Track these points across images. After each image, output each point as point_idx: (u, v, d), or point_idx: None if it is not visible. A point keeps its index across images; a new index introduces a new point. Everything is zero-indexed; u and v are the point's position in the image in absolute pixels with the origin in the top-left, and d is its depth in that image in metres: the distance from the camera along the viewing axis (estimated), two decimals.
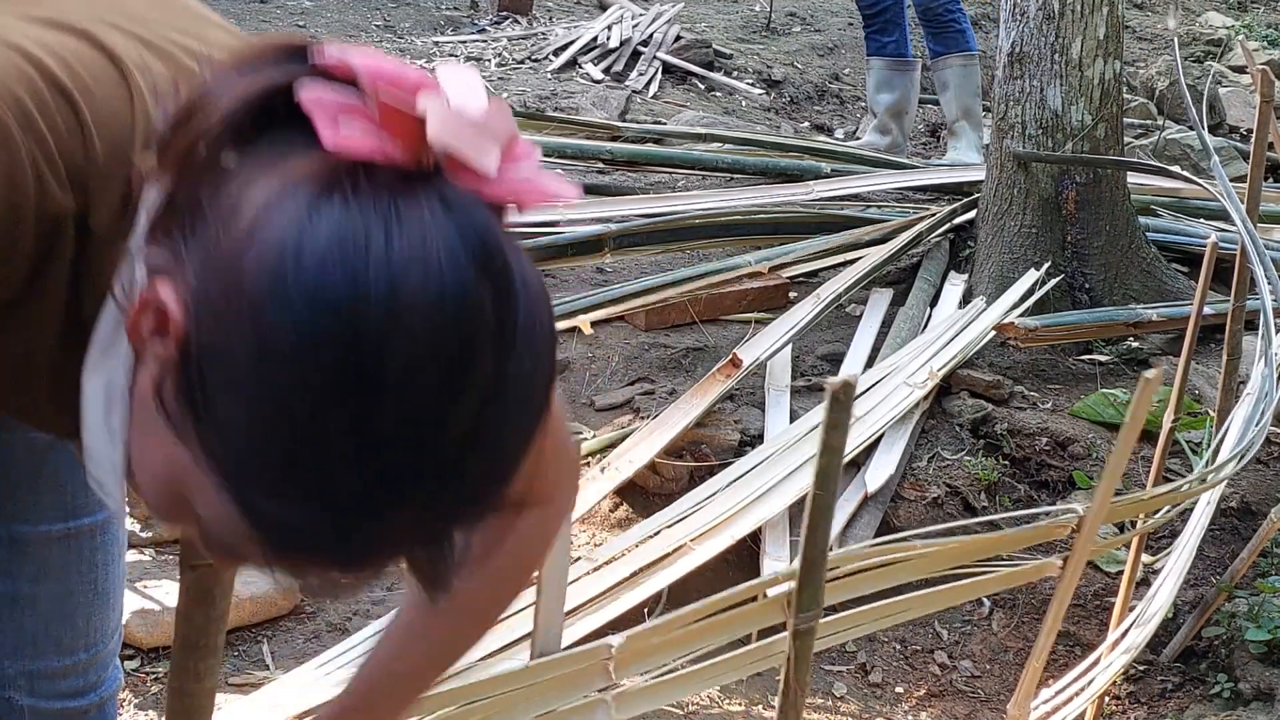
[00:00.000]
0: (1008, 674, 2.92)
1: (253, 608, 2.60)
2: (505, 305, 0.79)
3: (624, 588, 2.66)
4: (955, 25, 5.58)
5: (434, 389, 0.77)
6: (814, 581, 1.33)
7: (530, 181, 0.83)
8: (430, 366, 0.76)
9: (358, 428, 0.76)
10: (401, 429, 0.77)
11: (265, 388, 0.76)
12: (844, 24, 7.94)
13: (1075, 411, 3.56)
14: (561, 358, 3.56)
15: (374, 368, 0.76)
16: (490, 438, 0.80)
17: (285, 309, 0.76)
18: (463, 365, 0.77)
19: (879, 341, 3.72)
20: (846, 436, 1.23)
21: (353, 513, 0.79)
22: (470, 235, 0.78)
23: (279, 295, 0.76)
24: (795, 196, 4.67)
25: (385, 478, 0.78)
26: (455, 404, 0.78)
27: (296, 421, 0.76)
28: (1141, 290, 4.10)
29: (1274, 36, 8.25)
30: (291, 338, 0.75)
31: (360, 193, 0.77)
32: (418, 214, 0.78)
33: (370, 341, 0.75)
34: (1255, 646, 2.82)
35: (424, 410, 0.77)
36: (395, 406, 0.76)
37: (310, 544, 0.80)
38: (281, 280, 0.76)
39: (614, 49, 6.79)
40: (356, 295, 0.75)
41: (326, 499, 0.78)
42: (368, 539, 0.81)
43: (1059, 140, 4.07)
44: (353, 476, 0.77)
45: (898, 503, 3.18)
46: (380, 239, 0.76)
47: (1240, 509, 3.33)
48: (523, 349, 0.80)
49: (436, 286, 0.76)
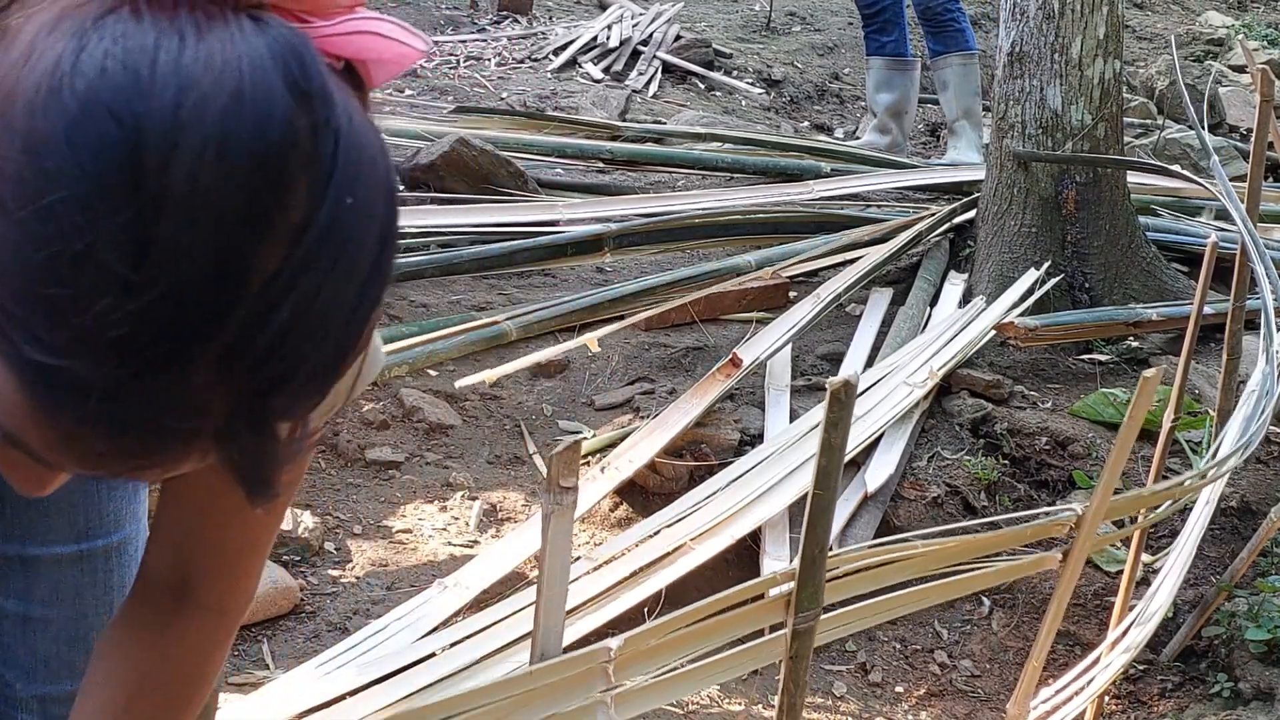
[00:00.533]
0: (1008, 673, 2.92)
1: (252, 607, 2.59)
2: (322, 131, 0.69)
3: (624, 587, 2.66)
4: (955, 24, 5.58)
5: (231, 212, 0.66)
6: (813, 581, 1.33)
7: (371, 30, 0.74)
8: (227, 184, 0.66)
9: (136, 250, 0.65)
10: (189, 254, 0.66)
11: (30, 205, 0.66)
12: (844, 23, 7.94)
13: (1075, 411, 3.56)
14: (561, 357, 3.56)
15: (156, 177, 0.65)
16: (305, 285, 0.68)
17: (56, 112, 0.66)
18: (268, 189, 0.67)
19: (879, 341, 3.72)
20: (847, 435, 1.23)
21: (133, 359, 0.66)
22: (282, 52, 0.69)
23: (50, 100, 0.66)
24: (795, 196, 4.67)
25: (169, 316, 0.66)
26: (257, 235, 0.67)
27: (64, 244, 0.65)
28: (1141, 290, 4.10)
29: (1274, 36, 8.25)
30: (60, 145, 0.65)
31: (154, 7, 0.68)
32: (221, 29, 0.68)
33: (152, 147, 0.65)
34: (1255, 646, 2.82)
35: (218, 235, 0.66)
36: (181, 224, 0.65)
37: (87, 404, 0.68)
38: (55, 86, 0.66)
39: (614, 48, 6.80)
40: (138, 94, 0.65)
41: (102, 340, 0.66)
42: (157, 397, 0.68)
43: (1059, 140, 4.07)
44: (130, 312, 0.65)
45: (897, 502, 3.18)
46: (172, 45, 0.67)
47: (1240, 509, 3.33)
48: (345, 190, 0.69)
49: (234, 92, 0.66)
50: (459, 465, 3.16)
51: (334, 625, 2.64)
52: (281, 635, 2.60)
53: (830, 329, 3.87)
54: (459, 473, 3.12)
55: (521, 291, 3.98)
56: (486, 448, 3.26)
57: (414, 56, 0.78)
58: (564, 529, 1.30)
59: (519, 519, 3.00)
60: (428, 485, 3.07)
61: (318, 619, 2.65)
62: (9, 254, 0.67)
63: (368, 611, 2.66)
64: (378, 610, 2.65)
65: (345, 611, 2.67)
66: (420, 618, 2.55)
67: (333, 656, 2.45)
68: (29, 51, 0.68)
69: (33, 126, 0.66)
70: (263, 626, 2.61)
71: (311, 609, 2.67)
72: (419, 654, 2.45)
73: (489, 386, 3.43)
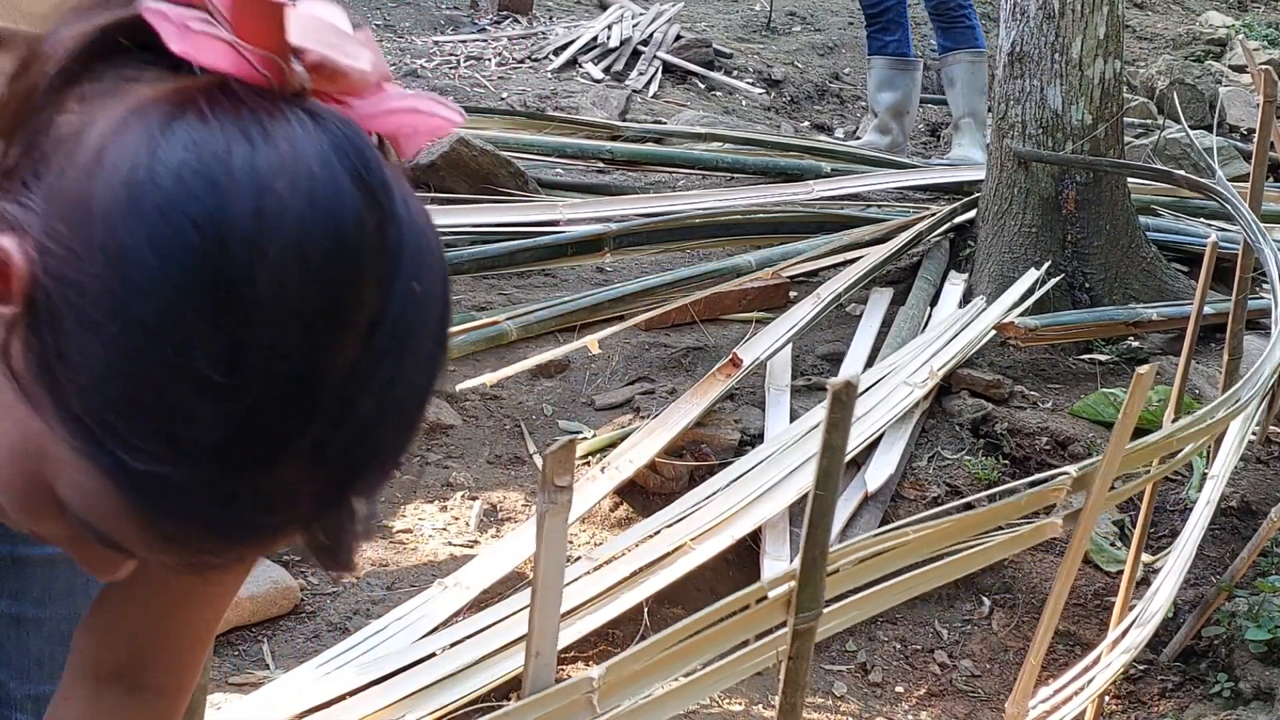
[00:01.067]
0: (1008, 673, 2.92)
1: (252, 607, 2.60)
2: (387, 224, 0.71)
3: (624, 587, 2.66)
4: (966, 21, 5.58)
5: (313, 311, 0.68)
6: (814, 580, 1.33)
7: (410, 108, 0.76)
8: (308, 286, 0.68)
9: (228, 356, 0.67)
10: (279, 356, 0.68)
11: (120, 320, 0.67)
12: (844, 23, 7.94)
13: (1075, 411, 3.56)
14: (561, 357, 3.56)
15: (243, 284, 0.67)
16: (382, 375, 0.71)
17: (138, 225, 0.67)
18: (345, 286, 0.69)
19: (879, 341, 3.72)
20: (848, 436, 1.23)
21: (232, 462, 0.69)
22: (344, 147, 0.70)
23: (130, 213, 0.67)
24: (795, 196, 4.67)
25: (265, 418, 0.68)
26: (338, 331, 0.69)
27: (158, 355, 0.67)
28: (1141, 290, 4.10)
29: (1274, 36, 8.25)
30: (146, 257, 0.67)
31: (218, 108, 0.69)
32: (284, 127, 0.70)
33: (237, 254, 0.67)
34: (1255, 646, 2.82)
35: (304, 335, 0.68)
36: (270, 328, 0.67)
37: (188, 506, 0.70)
38: (134, 197, 0.68)
39: (614, 48, 6.79)
40: (218, 203, 0.67)
41: (200, 446, 0.68)
42: (254, 496, 0.70)
43: (1059, 140, 4.07)
44: (227, 418, 0.68)
45: (898, 502, 3.18)
46: (244, 150, 0.68)
47: (1240, 508, 3.33)
48: (411, 274, 0.71)
49: (308, 194, 0.68)
50: (459, 465, 3.16)
51: (334, 625, 2.63)
52: (281, 635, 2.60)
53: (830, 329, 3.87)
54: (459, 473, 3.12)
55: (522, 291, 3.98)
56: (486, 448, 3.26)
57: (450, 128, 0.79)
58: (559, 528, 1.30)
59: (519, 519, 2.99)
60: (428, 485, 3.07)
61: (318, 619, 2.65)
62: (100, 368, 0.68)
63: (368, 611, 2.66)
64: (378, 610, 2.65)
65: (345, 611, 2.67)
66: (420, 618, 2.55)
67: (333, 656, 2.45)
68: (98, 158, 0.69)
69: (115, 240, 0.67)
70: (263, 626, 2.61)
71: (311, 609, 2.67)
72: (419, 654, 2.45)
73: (489, 387, 3.43)
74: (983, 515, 1.79)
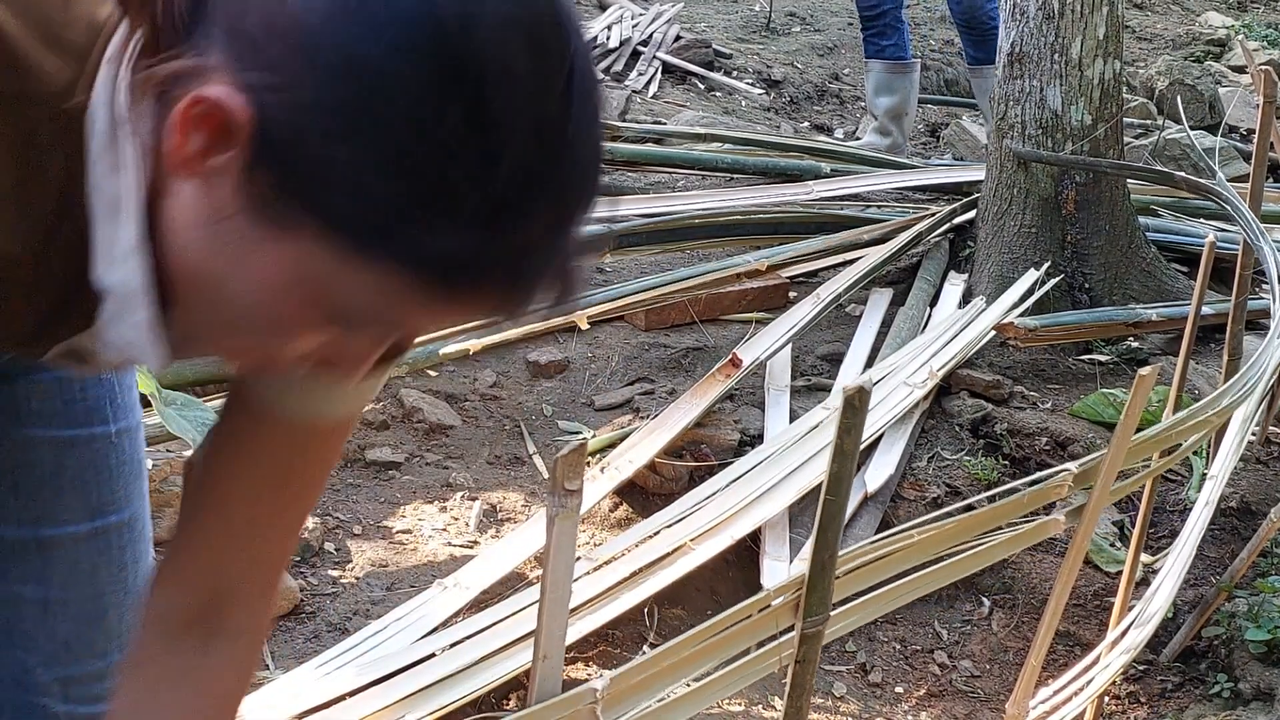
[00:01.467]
0: (1008, 674, 2.92)
1: None
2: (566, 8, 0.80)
3: (624, 587, 2.66)
4: (996, 34, 5.60)
5: (528, 69, 0.76)
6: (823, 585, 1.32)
7: None
8: (519, 48, 0.75)
9: (479, 122, 0.74)
10: (516, 113, 0.75)
11: (370, 122, 0.73)
12: (844, 24, 7.93)
13: (1075, 411, 3.56)
14: (561, 357, 3.56)
15: (469, 57, 0.74)
16: (587, 122, 0.80)
17: (356, 29, 0.73)
18: (544, 45, 0.77)
19: (879, 341, 3.72)
20: (860, 441, 1.22)
21: (505, 214, 0.76)
22: None
23: (344, 21, 0.73)
24: (795, 196, 4.67)
25: (520, 168, 0.76)
26: (549, 82, 0.77)
27: (419, 142, 0.74)
28: (1141, 290, 4.10)
29: (1274, 36, 8.25)
30: (374, 57, 0.73)
31: None
32: None
33: (457, 29, 0.74)
34: (1255, 646, 2.82)
35: (530, 91, 0.76)
36: (503, 91, 0.75)
37: (477, 264, 0.77)
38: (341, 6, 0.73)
39: (614, 49, 6.79)
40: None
41: (477, 206, 0.75)
42: (523, 241, 0.78)
43: (1059, 140, 4.07)
44: (493, 175, 0.75)
45: (897, 503, 3.18)
46: None
47: (1240, 509, 3.33)
48: (580, 40, 0.80)
49: None
50: (459, 465, 3.16)
51: (334, 625, 2.63)
52: (281, 635, 2.59)
53: (830, 329, 3.87)
54: (459, 473, 3.12)
55: None
56: (486, 448, 3.26)
57: None
58: (569, 531, 1.29)
59: (519, 519, 2.99)
60: (428, 485, 3.07)
61: (318, 619, 2.65)
62: (367, 170, 0.73)
63: (368, 612, 2.66)
64: (378, 610, 2.64)
65: (345, 612, 2.67)
66: (420, 618, 2.55)
67: (333, 657, 2.44)
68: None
69: (339, 51, 0.72)
70: None
71: (311, 609, 2.67)
72: (419, 654, 2.44)
73: (489, 387, 3.43)
74: (986, 515, 1.78)
